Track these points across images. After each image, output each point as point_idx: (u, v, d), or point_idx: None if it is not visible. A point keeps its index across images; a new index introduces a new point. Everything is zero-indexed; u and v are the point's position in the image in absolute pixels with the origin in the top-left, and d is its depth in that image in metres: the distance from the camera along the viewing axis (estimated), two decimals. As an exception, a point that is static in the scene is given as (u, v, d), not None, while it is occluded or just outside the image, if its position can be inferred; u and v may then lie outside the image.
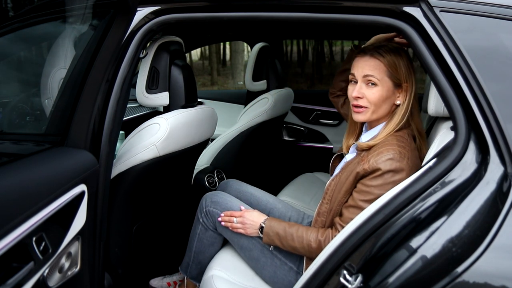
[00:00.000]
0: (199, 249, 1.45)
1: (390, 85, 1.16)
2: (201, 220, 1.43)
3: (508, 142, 0.84)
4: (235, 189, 1.58)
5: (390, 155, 1.09)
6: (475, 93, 0.89)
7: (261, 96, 2.24)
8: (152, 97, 1.39)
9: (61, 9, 1.24)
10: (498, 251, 0.72)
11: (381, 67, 1.15)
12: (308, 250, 1.20)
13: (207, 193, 1.47)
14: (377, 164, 1.09)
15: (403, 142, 1.13)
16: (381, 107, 1.17)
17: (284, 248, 1.26)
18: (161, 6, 1.15)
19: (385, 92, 1.16)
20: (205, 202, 1.43)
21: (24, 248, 0.77)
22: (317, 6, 1.07)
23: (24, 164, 0.87)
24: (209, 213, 1.41)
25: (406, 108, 1.17)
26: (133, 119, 2.41)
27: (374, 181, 1.10)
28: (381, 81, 1.15)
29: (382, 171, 1.08)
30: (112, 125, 1.10)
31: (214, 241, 1.44)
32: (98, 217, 1.07)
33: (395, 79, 1.16)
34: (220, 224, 1.38)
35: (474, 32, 0.94)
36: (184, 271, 1.51)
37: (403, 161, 1.08)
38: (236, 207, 1.40)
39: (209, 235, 1.43)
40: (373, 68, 1.16)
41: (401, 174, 1.07)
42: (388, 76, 1.16)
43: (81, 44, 1.17)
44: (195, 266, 1.47)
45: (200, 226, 1.44)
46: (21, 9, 1.31)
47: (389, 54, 1.16)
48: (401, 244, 0.80)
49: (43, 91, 1.21)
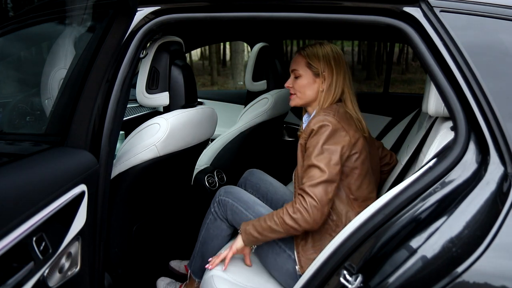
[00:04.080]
0: (204, 239, 1.48)
1: (310, 74, 1.39)
2: (212, 210, 1.47)
3: (508, 142, 0.84)
4: (257, 176, 1.70)
5: (317, 118, 1.28)
6: (475, 93, 0.89)
7: (261, 96, 2.24)
8: (152, 97, 1.39)
9: (61, 9, 1.24)
10: (498, 251, 0.72)
11: (303, 61, 1.39)
12: (287, 229, 1.22)
13: (221, 187, 1.51)
14: (309, 128, 1.28)
15: (329, 109, 1.33)
16: (306, 93, 1.40)
17: (269, 238, 1.28)
18: (161, 6, 1.15)
19: (306, 81, 1.39)
20: (219, 193, 1.48)
21: (24, 248, 0.77)
22: (317, 6, 1.07)
23: (24, 164, 0.87)
24: (221, 202, 1.45)
25: (328, 93, 1.37)
26: (133, 119, 2.41)
27: (312, 139, 1.26)
28: (303, 72, 1.39)
29: (315, 130, 1.26)
30: (112, 125, 1.10)
31: (219, 233, 1.46)
32: (98, 217, 1.07)
33: (314, 70, 1.38)
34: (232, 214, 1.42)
35: (474, 32, 0.94)
36: (189, 265, 1.53)
37: (329, 116, 1.27)
38: (248, 199, 1.44)
39: (216, 225, 1.46)
40: (297, 63, 1.41)
41: (332, 125, 1.25)
42: (308, 67, 1.38)
43: (81, 44, 1.18)
44: (197, 259, 1.49)
45: (210, 216, 1.47)
46: (21, 9, 1.31)
47: (310, 48, 1.39)
48: (401, 244, 0.80)
49: (43, 91, 1.21)
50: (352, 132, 1.28)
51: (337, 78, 1.36)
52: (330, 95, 1.36)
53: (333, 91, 1.36)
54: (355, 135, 1.29)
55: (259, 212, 1.40)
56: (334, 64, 1.36)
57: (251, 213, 1.40)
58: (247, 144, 2.16)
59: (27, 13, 1.28)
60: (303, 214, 1.19)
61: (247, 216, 1.40)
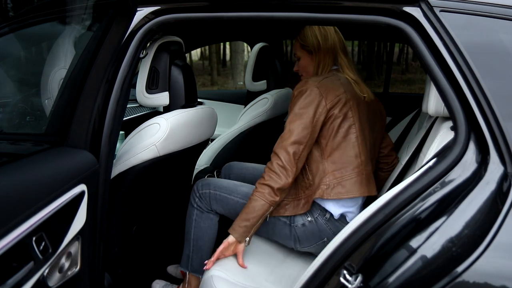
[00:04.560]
0: (198, 235, 1.49)
1: (305, 54, 1.51)
2: (195, 205, 1.49)
3: (508, 142, 0.84)
4: (237, 167, 1.81)
5: (299, 83, 1.38)
6: (475, 93, 0.89)
7: (261, 96, 2.25)
8: (152, 97, 1.39)
9: (61, 9, 1.24)
10: (498, 251, 0.72)
11: (297, 44, 1.52)
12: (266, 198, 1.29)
13: (196, 182, 1.53)
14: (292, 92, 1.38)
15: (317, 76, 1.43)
16: (309, 71, 1.52)
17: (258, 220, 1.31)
18: (161, 6, 1.15)
19: (305, 60, 1.52)
20: (196, 188, 1.50)
21: (24, 248, 0.77)
22: (317, 6, 1.07)
23: (24, 164, 0.87)
24: (202, 196, 1.48)
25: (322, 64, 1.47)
26: (133, 119, 2.41)
27: (291, 104, 1.36)
28: (300, 54, 1.53)
29: (295, 94, 1.36)
30: (112, 125, 1.10)
31: (210, 222, 1.50)
32: (98, 217, 1.07)
33: (307, 48, 1.49)
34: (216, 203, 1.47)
35: (474, 32, 0.94)
36: (185, 267, 1.52)
37: (309, 80, 1.36)
38: (228, 184, 1.49)
39: (205, 217, 1.49)
40: (295, 47, 1.54)
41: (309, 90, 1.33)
42: (302, 47, 1.51)
43: (81, 44, 1.17)
44: (195, 256, 1.49)
45: (195, 211, 1.49)
46: (21, 9, 1.31)
47: (301, 32, 1.50)
48: (401, 244, 0.79)
49: (43, 91, 1.21)
50: (332, 97, 1.34)
51: (326, 49, 1.47)
52: (324, 65, 1.47)
53: (326, 62, 1.47)
54: (337, 99, 1.35)
55: (243, 192, 1.45)
56: (320, 36, 1.47)
57: (235, 195, 1.45)
58: (247, 144, 2.17)
59: (27, 13, 1.28)
60: (272, 176, 1.29)
61: (233, 199, 1.45)
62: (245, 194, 1.43)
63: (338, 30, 1.51)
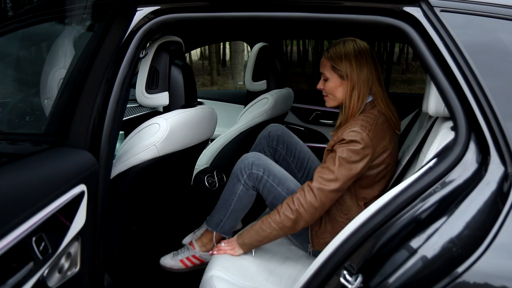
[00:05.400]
0: (238, 207, 1.53)
1: (336, 77, 1.41)
2: (242, 181, 1.50)
3: (508, 142, 0.84)
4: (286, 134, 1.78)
5: (353, 128, 1.30)
6: (475, 93, 0.89)
7: (261, 96, 2.24)
8: (152, 97, 1.39)
9: (61, 9, 1.24)
10: (499, 251, 0.72)
11: (328, 64, 1.42)
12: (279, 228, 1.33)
13: (248, 155, 1.54)
14: (342, 135, 1.31)
15: (368, 117, 1.34)
16: (337, 96, 1.43)
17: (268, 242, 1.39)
18: (161, 6, 1.15)
19: (334, 84, 1.42)
20: (247, 164, 1.50)
21: (24, 248, 0.77)
22: (317, 6, 1.07)
23: (23, 164, 0.87)
24: (252, 175, 1.48)
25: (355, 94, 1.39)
26: (133, 119, 2.41)
27: (340, 147, 1.30)
28: (330, 76, 1.42)
29: (346, 140, 1.29)
30: (112, 125, 1.10)
31: (252, 199, 1.54)
32: (98, 217, 1.07)
33: (338, 72, 1.40)
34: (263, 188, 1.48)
35: (475, 32, 0.94)
36: (213, 227, 1.57)
37: (363, 132, 1.28)
38: (279, 172, 1.49)
39: (250, 194, 1.52)
40: (324, 66, 1.44)
41: (364, 142, 1.28)
42: (333, 70, 1.41)
43: (80, 44, 1.17)
44: (228, 221, 1.55)
45: (241, 187, 1.51)
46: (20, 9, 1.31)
47: (334, 49, 1.41)
48: (401, 244, 0.79)
49: (43, 91, 1.20)
50: (381, 148, 1.33)
51: (360, 77, 1.38)
52: (356, 96, 1.38)
53: (359, 92, 1.38)
54: (383, 148, 1.34)
55: (289, 187, 1.47)
56: (355, 64, 1.37)
57: (282, 188, 1.47)
58: (247, 144, 2.16)
59: (26, 13, 1.28)
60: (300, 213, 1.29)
61: (279, 191, 1.47)
62: (291, 190, 1.46)
63: (375, 56, 1.43)
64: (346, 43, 1.40)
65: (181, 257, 1.63)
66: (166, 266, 1.63)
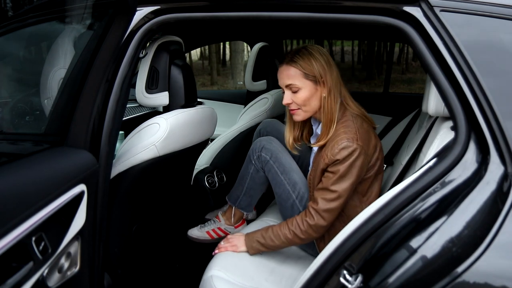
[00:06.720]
0: (251, 185, 1.62)
1: (310, 84, 1.32)
2: (253, 161, 1.56)
3: (508, 142, 0.84)
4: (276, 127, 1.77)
5: (342, 144, 1.25)
6: (475, 92, 0.89)
7: (261, 96, 2.24)
8: (151, 97, 1.39)
9: (61, 9, 1.24)
10: (499, 251, 0.72)
11: (298, 73, 1.31)
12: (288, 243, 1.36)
13: (262, 138, 1.57)
14: (334, 157, 1.26)
15: (348, 127, 1.29)
16: (310, 104, 1.35)
17: (272, 249, 1.40)
18: (161, 6, 1.15)
19: (308, 92, 1.33)
20: (259, 146, 1.54)
21: (24, 248, 0.77)
22: (317, 6, 1.07)
23: (23, 164, 0.87)
24: (260, 158, 1.53)
25: (332, 97, 1.33)
26: (133, 119, 2.41)
27: (335, 168, 1.27)
28: (302, 85, 1.32)
29: (340, 160, 1.25)
30: (112, 125, 1.10)
31: (264, 181, 1.59)
32: (97, 217, 1.07)
33: (312, 78, 1.31)
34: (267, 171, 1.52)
35: (475, 32, 0.94)
36: (233, 202, 1.70)
37: (353, 143, 1.25)
38: (285, 161, 1.50)
39: (260, 175, 1.58)
40: (291, 77, 1.32)
41: (357, 153, 1.25)
42: (306, 77, 1.31)
43: (80, 44, 1.17)
44: (245, 198, 1.66)
45: (252, 167, 1.58)
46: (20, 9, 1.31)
47: (300, 57, 1.31)
48: (401, 244, 0.79)
49: (43, 91, 1.21)
50: (371, 149, 1.32)
51: (332, 78, 1.33)
52: (333, 98, 1.33)
53: (334, 93, 1.33)
54: (373, 148, 1.33)
55: (292, 179, 1.48)
56: (326, 65, 1.32)
57: (285, 178, 1.48)
58: (247, 144, 2.16)
59: (26, 13, 1.28)
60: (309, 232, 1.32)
61: (281, 180, 1.48)
62: (294, 182, 1.47)
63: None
64: (307, 49, 1.33)
65: (207, 229, 1.75)
66: (193, 237, 1.76)
